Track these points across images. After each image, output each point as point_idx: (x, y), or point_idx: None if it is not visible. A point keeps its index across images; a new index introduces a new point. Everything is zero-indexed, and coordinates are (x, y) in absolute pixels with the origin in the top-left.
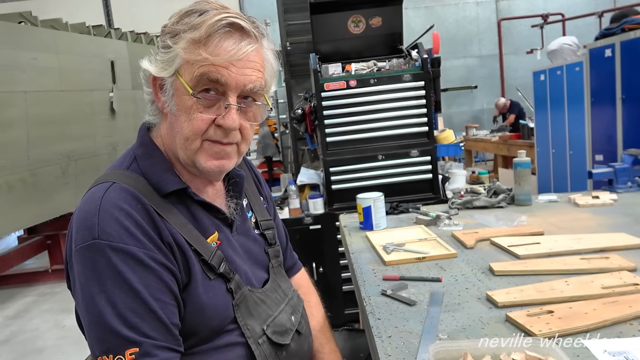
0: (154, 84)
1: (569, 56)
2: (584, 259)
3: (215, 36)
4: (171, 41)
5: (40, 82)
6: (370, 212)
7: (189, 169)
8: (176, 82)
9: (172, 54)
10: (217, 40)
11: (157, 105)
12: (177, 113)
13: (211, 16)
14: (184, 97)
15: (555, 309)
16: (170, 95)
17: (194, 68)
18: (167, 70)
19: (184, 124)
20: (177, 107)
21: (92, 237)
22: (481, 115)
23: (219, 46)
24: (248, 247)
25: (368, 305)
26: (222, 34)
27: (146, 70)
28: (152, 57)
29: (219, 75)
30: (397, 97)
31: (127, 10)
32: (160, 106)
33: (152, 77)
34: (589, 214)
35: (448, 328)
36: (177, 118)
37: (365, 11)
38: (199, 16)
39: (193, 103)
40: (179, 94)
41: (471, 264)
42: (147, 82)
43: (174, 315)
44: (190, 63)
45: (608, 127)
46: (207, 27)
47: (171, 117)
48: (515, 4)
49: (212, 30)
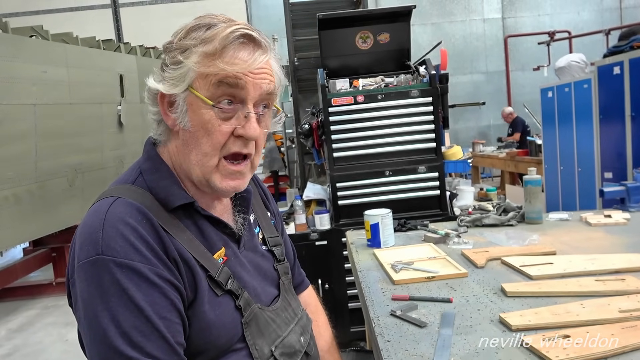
0: (161, 102)
1: (577, 73)
2: (599, 280)
3: (230, 48)
4: (182, 56)
5: (50, 95)
6: (378, 229)
7: (202, 188)
8: (190, 97)
9: (184, 69)
10: (232, 52)
11: (166, 124)
12: (192, 129)
13: (223, 28)
14: (201, 110)
15: (572, 333)
16: (184, 111)
17: (210, 78)
18: (179, 86)
19: (202, 139)
20: (192, 122)
21: (96, 252)
22: (488, 131)
23: (234, 57)
24: (257, 262)
25: (377, 326)
26: (237, 45)
27: (152, 89)
28: (156, 75)
29: (237, 80)
30: (404, 112)
31: (137, 24)
32: (171, 124)
33: (159, 95)
34: (602, 233)
35: (461, 352)
36: (193, 134)
37: (373, 27)
38: (208, 30)
39: (211, 116)
40: (193, 108)
41: (482, 284)
42: (153, 101)
43: (179, 334)
44: (205, 75)
45: (617, 144)
46: (222, 40)
47: (184, 134)
48: (522, 21)
49: (227, 42)
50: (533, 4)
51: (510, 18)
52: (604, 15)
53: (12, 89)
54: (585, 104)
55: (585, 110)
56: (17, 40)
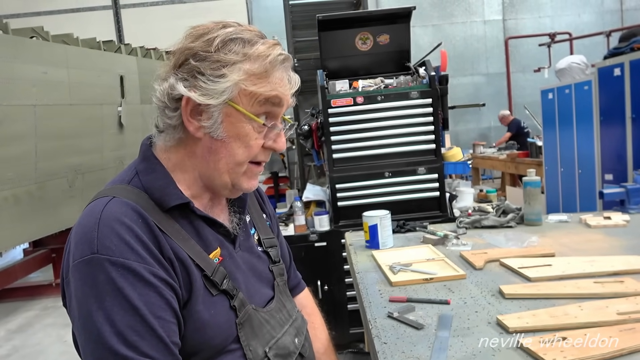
0: (185, 108)
1: (578, 75)
2: (597, 282)
3: (277, 70)
4: (226, 70)
5: (50, 96)
6: (376, 231)
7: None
8: (227, 109)
9: (228, 84)
10: (279, 74)
11: (183, 129)
12: (226, 139)
13: (266, 48)
14: (241, 124)
15: (570, 335)
16: (219, 121)
17: (257, 96)
18: (218, 98)
19: (238, 150)
20: (228, 133)
21: (91, 251)
22: (488, 132)
23: (281, 78)
24: (252, 263)
25: (374, 328)
26: (280, 67)
27: (175, 94)
28: (185, 81)
29: (281, 99)
30: (404, 114)
31: (138, 26)
32: (193, 130)
33: (185, 100)
34: (601, 235)
35: (458, 354)
36: (227, 144)
37: (373, 28)
38: (249, 46)
39: (250, 130)
40: (231, 120)
41: (480, 286)
42: (172, 105)
43: (174, 334)
44: (250, 93)
45: (618, 146)
46: (271, 62)
47: (213, 143)
48: (523, 22)
49: (274, 65)
50: (534, 5)
51: (511, 20)
52: (604, 17)
53: (12, 89)
54: (586, 105)
55: (586, 112)
56: (18, 41)
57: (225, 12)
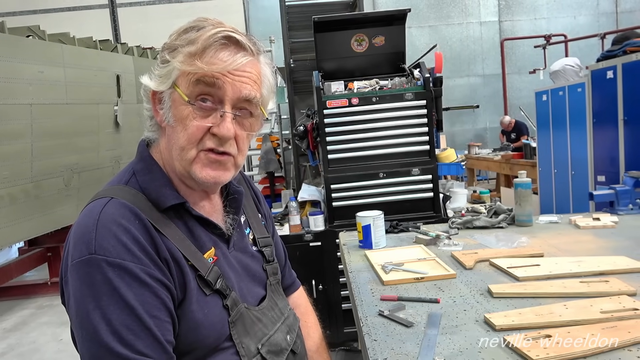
0: (153, 99)
1: (572, 77)
2: (583, 282)
3: (212, 48)
4: (169, 56)
5: (47, 94)
6: (369, 231)
7: (186, 181)
8: (174, 93)
9: (170, 68)
10: (213, 52)
11: (156, 120)
12: (174, 124)
13: (207, 30)
14: (181, 107)
15: (554, 333)
16: (168, 107)
17: (190, 77)
18: (165, 83)
19: (180, 134)
20: (174, 117)
21: (88, 251)
22: (484, 133)
23: (214, 57)
24: (246, 263)
25: (365, 325)
26: (218, 46)
27: (146, 86)
28: (152, 73)
29: (215, 79)
30: (398, 115)
31: (134, 25)
32: (159, 120)
33: (151, 92)
34: (590, 236)
35: (445, 351)
36: (174, 129)
37: (369, 30)
38: (197, 32)
39: (189, 112)
40: (176, 104)
41: (470, 286)
42: (147, 98)
43: (169, 333)
44: (186, 73)
45: (610, 148)
46: (204, 41)
47: (169, 130)
48: (519, 24)
49: (208, 43)
50: (530, 7)
51: (507, 21)
52: (600, 19)
53: (8, 88)
54: (579, 107)
55: (579, 114)
56: (14, 40)
57: (222, 11)
